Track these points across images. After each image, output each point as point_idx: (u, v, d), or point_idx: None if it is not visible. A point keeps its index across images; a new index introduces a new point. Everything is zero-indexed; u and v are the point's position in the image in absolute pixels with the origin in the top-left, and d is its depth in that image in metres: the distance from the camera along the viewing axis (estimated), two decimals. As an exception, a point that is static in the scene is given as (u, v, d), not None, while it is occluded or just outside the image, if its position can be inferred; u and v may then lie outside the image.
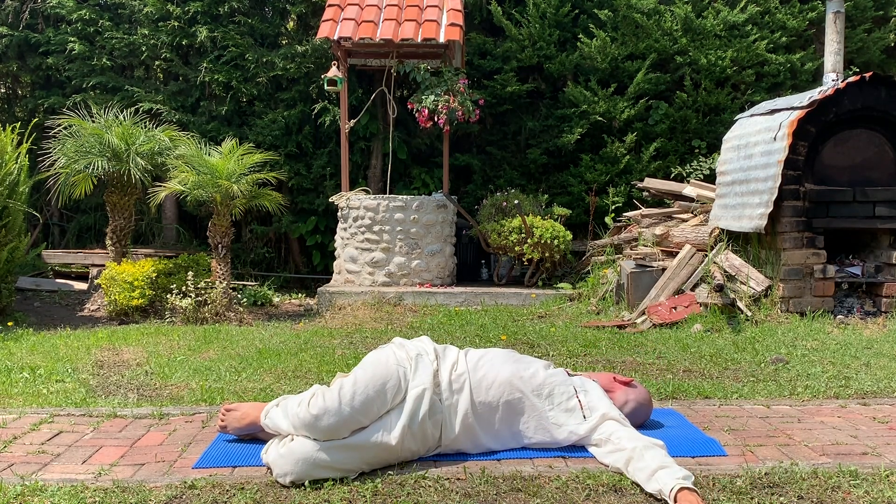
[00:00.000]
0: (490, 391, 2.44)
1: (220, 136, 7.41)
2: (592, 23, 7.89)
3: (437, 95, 6.67)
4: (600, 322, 5.36)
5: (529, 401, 2.46)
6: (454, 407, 2.40)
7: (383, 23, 6.77)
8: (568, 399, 2.47)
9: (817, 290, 5.18)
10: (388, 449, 2.28)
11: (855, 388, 3.38)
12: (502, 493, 2.15)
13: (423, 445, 2.37)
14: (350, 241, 6.79)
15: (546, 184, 8.06)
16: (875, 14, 8.04)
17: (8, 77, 8.93)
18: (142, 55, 8.07)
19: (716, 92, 7.80)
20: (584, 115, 7.82)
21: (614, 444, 2.33)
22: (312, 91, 8.03)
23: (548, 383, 2.48)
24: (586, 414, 2.45)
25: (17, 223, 5.68)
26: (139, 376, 3.67)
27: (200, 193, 5.59)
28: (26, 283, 7.02)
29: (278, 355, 4.15)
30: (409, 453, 2.34)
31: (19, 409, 3.03)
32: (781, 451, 2.53)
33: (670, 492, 2.04)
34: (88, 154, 5.76)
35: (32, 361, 3.97)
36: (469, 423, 2.41)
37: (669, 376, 3.65)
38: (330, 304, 6.26)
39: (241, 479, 2.23)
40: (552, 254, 6.65)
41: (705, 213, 6.23)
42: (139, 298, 5.58)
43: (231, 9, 7.97)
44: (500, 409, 2.44)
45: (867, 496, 2.13)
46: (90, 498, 2.10)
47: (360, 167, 8.18)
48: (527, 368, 2.52)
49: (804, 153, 5.19)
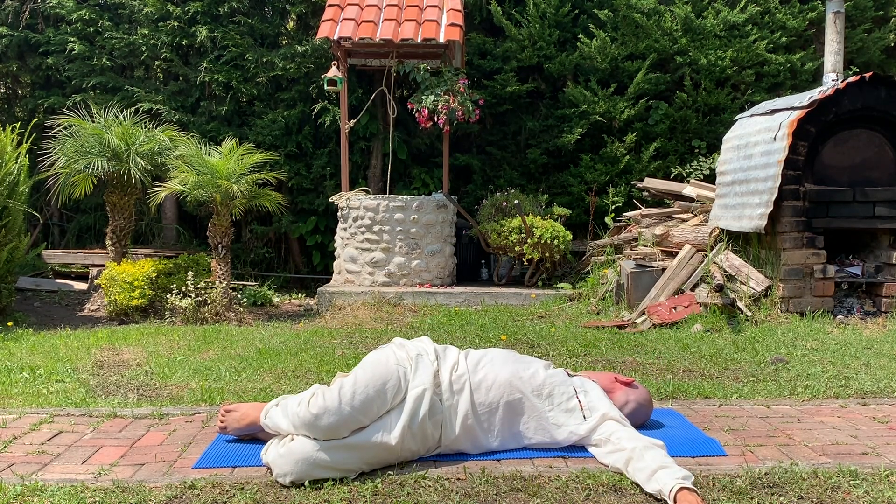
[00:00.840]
0: (490, 392, 2.44)
1: (220, 136, 7.41)
2: (592, 23, 7.89)
3: (437, 95, 6.67)
4: (600, 322, 5.37)
5: (529, 401, 2.46)
6: (454, 408, 2.40)
7: (383, 23, 6.77)
8: (568, 399, 2.47)
9: (817, 290, 5.18)
10: (388, 449, 2.28)
11: (855, 388, 3.38)
12: (502, 493, 2.15)
13: (423, 445, 2.37)
14: (350, 241, 6.79)
15: (546, 184, 8.06)
16: (875, 14, 8.04)
17: (8, 77, 8.93)
18: (142, 55, 8.07)
19: (716, 92, 7.80)
20: (583, 115, 7.83)
21: (614, 444, 2.33)
22: (312, 91, 8.03)
23: (548, 384, 2.48)
24: (586, 414, 2.45)
25: (16, 223, 5.67)
26: (139, 376, 3.67)
27: (200, 193, 5.59)
28: (26, 283, 7.02)
29: (278, 355, 4.15)
30: (409, 453, 2.34)
31: (19, 409, 3.03)
32: (781, 451, 2.53)
33: (670, 492, 2.04)
34: (88, 154, 5.76)
35: (32, 361, 3.97)
36: (469, 424, 2.41)
37: (669, 376, 3.65)
38: (330, 304, 6.26)
39: (240, 480, 2.23)
40: (552, 254, 6.65)
41: (705, 213, 6.23)
42: (139, 298, 5.59)
43: (231, 9, 7.97)
44: (501, 410, 2.44)
45: (867, 496, 2.13)
46: (90, 498, 2.10)
47: (359, 167, 8.18)
48: (526, 369, 2.52)
49: (804, 153, 5.19)
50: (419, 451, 2.37)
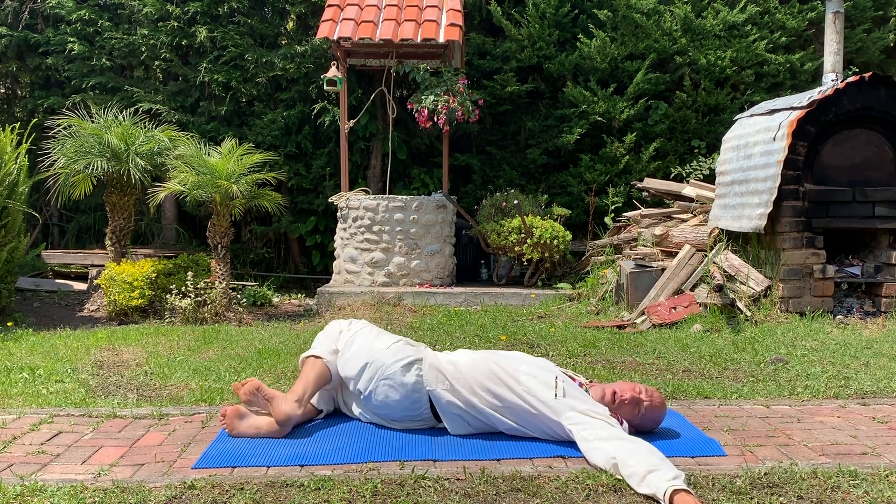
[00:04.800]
0: (468, 381, 2.65)
1: (220, 136, 7.41)
2: (592, 23, 7.89)
3: (436, 95, 6.66)
4: (600, 322, 5.36)
5: (507, 373, 2.63)
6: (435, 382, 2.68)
7: (383, 23, 6.77)
8: (546, 377, 2.61)
9: (817, 290, 5.18)
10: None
11: (854, 387, 3.39)
12: (502, 493, 2.15)
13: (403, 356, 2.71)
14: (349, 242, 6.79)
15: (546, 184, 8.06)
16: (874, 14, 8.04)
17: (7, 77, 8.92)
18: (141, 55, 8.07)
19: (715, 92, 7.80)
20: (583, 115, 7.83)
21: (591, 430, 2.40)
22: (312, 91, 8.03)
23: (528, 368, 2.66)
24: (558, 394, 2.55)
25: (16, 223, 5.67)
26: (139, 376, 3.67)
27: (200, 194, 5.59)
28: (26, 283, 7.02)
29: (278, 355, 4.15)
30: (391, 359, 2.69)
31: (19, 409, 3.03)
32: (781, 451, 2.53)
33: (664, 495, 2.05)
34: (88, 154, 5.76)
35: (32, 362, 3.96)
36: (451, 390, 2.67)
37: (669, 376, 3.65)
38: (329, 305, 6.26)
39: (240, 480, 2.23)
40: (552, 254, 6.65)
41: (705, 214, 6.23)
42: (139, 299, 5.58)
43: (230, 9, 7.97)
44: (480, 378, 2.63)
45: (867, 496, 2.13)
46: (90, 498, 2.10)
47: (359, 167, 8.18)
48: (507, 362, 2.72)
49: (804, 153, 5.19)
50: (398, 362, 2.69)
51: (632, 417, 2.60)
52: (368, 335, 2.84)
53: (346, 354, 2.77)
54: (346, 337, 2.83)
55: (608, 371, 3.75)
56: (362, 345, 2.77)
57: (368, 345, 2.77)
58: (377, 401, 2.69)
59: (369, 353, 2.73)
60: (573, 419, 2.47)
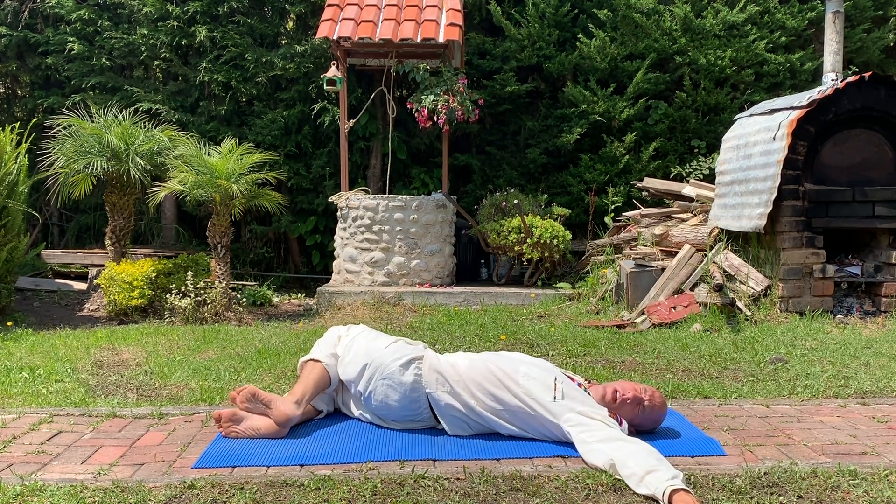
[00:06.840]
0: (468, 383, 2.65)
1: (220, 135, 7.41)
2: (592, 23, 7.89)
3: (436, 95, 6.66)
4: (599, 322, 5.37)
5: (506, 375, 2.62)
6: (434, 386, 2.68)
7: (382, 23, 6.77)
8: (545, 378, 2.60)
9: (816, 289, 5.18)
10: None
11: (854, 387, 3.39)
12: (502, 493, 2.15)
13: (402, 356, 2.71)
14: (349, 241, 6.79)
15: (545, 184, 8.06)
16: (874, 14, 8.04)
17: (7, 77, 8.92)
18: (141, 55, 8.07)
19: (715, 92, 7.80)
20: (583, 114, 7.83)
21: (590, 433, 2.39)
22: (312, 91, 8.03)
23: (527, 370, 2.66)
24: (557, 396, 2.55)
25: (16, 223, 5.67)
26: (138, 376, 3.67)
27: (200, 193, 5.59)
28: (26, 283, 7.02)
29: (278, 355, 4.15)
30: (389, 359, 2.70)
31: (19, 409, 3.03)
32: (781, 450, 2.53)
33: (663, 495, 2.05)
34: (88, 154, 5.76)
35: (32, 361, 3.96)
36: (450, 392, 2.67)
37: (669, 376, 3.65)
38: (329, 304, 6.26)
39: (240, 480, 2.23)
40: (551, 254, 6.65)
41: (705, 213, 6.23)
42: (138, 298, 5.58)
43: (230, 9, 7.97)
44: (480, 380, 2.63)
45: (866, 496, 2.14)
46: (89, 498, 2.09)
47: (359, 167, 8.18)
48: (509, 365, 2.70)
49: (803, 153, 5.19)
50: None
51: (632, 417, 2.60)
52: (367, 337, 2.86)
53: (347, 358, 2.78)
54: (346, 342, 2.85)
55: (608, 371, 3.75)
56: (361, 347, 2.79)
57: (367, 346, 2.79)
58: (376, 401, 2.69)
59: (368, 353, 2.74)
60: (572, 421, 2.47)
